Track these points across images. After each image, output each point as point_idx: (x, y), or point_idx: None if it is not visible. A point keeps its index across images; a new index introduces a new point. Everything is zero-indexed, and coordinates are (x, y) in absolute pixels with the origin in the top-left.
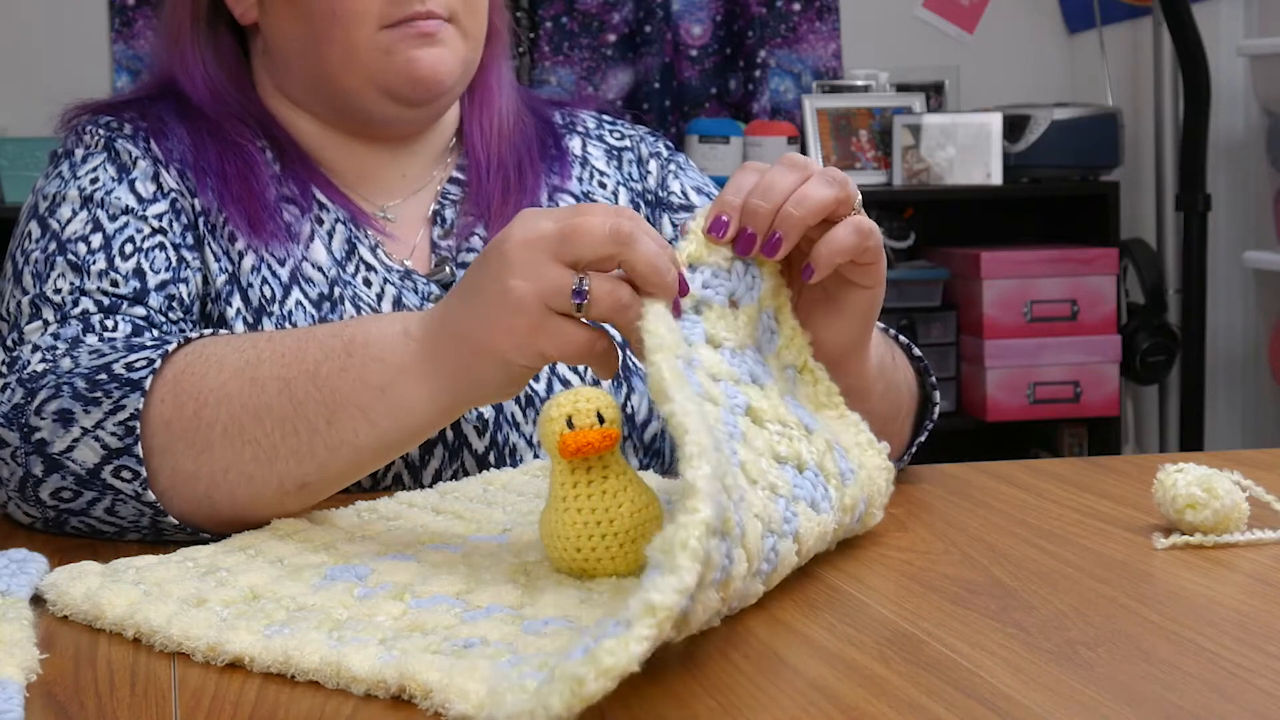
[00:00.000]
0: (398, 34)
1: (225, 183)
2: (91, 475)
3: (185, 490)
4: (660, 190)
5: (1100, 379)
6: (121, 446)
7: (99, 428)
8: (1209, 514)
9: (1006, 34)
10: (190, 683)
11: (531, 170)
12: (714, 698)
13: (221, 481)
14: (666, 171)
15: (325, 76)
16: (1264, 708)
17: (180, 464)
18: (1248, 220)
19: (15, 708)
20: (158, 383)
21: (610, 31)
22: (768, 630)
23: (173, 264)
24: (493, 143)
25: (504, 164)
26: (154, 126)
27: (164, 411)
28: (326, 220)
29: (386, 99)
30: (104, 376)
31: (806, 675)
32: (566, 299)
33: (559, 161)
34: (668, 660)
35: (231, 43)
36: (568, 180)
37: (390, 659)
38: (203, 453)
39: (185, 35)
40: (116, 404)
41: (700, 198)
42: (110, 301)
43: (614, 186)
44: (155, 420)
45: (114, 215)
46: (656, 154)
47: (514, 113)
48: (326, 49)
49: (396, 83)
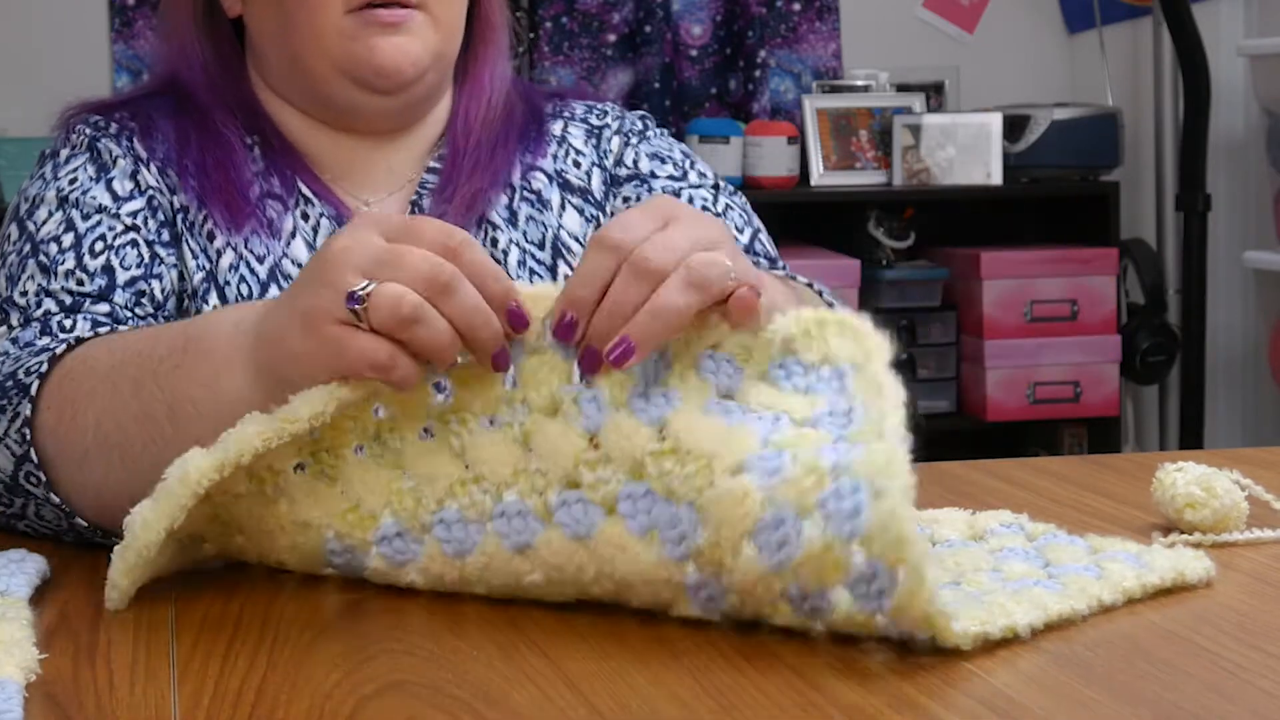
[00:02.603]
0: (362, 20)
1: (206, 176)
2: (12, 480)
3: (79, 499)
4: (615, 168)
5: (1100, 379)
6: (22, 453)
7: (6, 435)
8: (1208, 513)
9: (1006, 34)
10: (190, 683)
11: (504, 150)
12: (714, 698)
13: (103, 488)
14: (626, 146)
15: (295, 62)
16: (1264, 708)
17: (70, 472)
18: (1248, 220)
19: (15, 708)
20: (45, 388)
21: (610, 31)
22: (768, 630)
23: (144, 260)
24: (475, 130)
25: (480, 146)
26: (141, 125)
27: (49, 419)
28: (312, 215)
29: (352, 85)
30: (10, 383)
31: (806, 675)
32: (341, 305)
33: (536, 141)
34: (668, 660)
35: (229, 37)
36: (540, 158)
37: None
38: (83, 462)
39: (185, 29)
40: (15, 410)
41: (652, 163)
42: (73, 300)
43: (588, 166)
44: (43, 428)
45: (87, 214)
46: (624, 131)
47: (503, 104)
48: (294, 34)
49: (359, 70)
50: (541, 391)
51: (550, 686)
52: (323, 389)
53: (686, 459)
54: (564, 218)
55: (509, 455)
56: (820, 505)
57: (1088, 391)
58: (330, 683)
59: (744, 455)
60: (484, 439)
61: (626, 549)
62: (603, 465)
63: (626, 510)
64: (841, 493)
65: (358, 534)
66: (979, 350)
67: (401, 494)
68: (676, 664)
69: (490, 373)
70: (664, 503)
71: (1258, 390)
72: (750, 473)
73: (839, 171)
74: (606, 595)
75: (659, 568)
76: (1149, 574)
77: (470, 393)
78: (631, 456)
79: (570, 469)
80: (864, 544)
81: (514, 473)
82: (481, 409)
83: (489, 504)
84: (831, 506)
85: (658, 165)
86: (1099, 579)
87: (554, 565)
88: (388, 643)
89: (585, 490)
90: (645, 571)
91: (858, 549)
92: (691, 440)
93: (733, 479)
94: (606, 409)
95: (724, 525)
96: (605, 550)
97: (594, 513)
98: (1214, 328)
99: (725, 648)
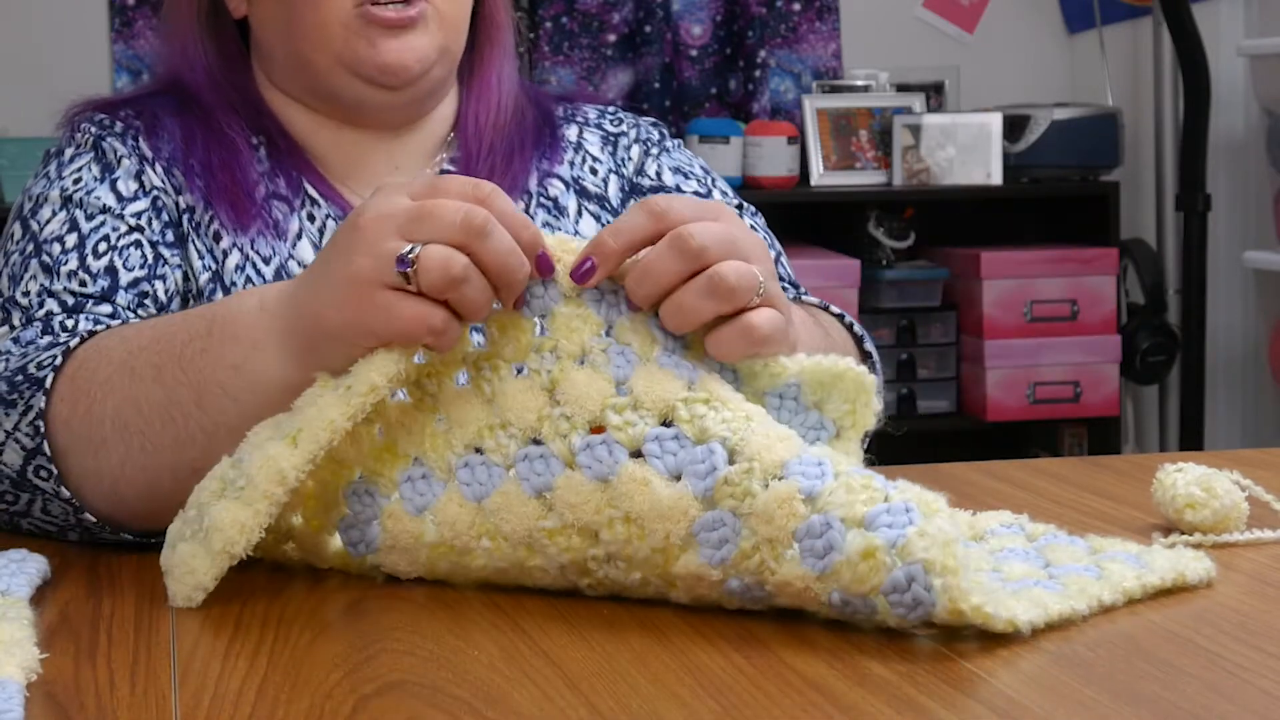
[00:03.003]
0: (367, 19)
1: (212, 176)
2: (20, 476)
3: (93, 488)
4: (636, 176)
5: (1100, 379)
6: (35, 446)
7: (17, 429)
8: (1208, 514)
9: (1006, 34)
10: (190, 683)
11: (520, 156)
12: (714, 698)
13: (120, 476)
14: (647, 156)
15: (300, 57)
16: (1264, 708)
17: (84, 462)
18: (1248, 220)
19: (15, 708)
20: (59, 380)
21: (610, 31)
22: (768, 630)
23: (148, 261)
24: (486, 134)
25: (494, 152)
26: (147, 124)
27: (63, 410)
28: (318, 216)
29: (357, 80)
30: (20, 378)
31: (806, 675)
32: (391, 268)
33: (551, 147)
34: (668, 660)
35: (233, 37)
36: (557, 165)
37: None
38: (99, 449)
39: (187, 29)
40: (27, 404)
41: (675, 177)
42: (75, 301)
43: (605, 173)
44: (56, 419)
45: (91, 215)
46: (643, 140)
47: (513, 107)
48: (299, 30)
49: (364, 67)
50: (573, 340)
51: (550, 686)
52: (385, 353)
53: (721, 406)
54: (580, 224)
55: (535, 402)
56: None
57: (1088, 391)
58: (330, 683)
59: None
60: (512, 386)
61: (649, 483)
62: (631, 410)
63: (653, 450)
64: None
65: (386, 472)
66: (979, 350)
67: (434, 435)
68: (676, 664)
69: (523, 321)
70: (693, 445)
71: (1258, 390)
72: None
73: (839, 171)
74: (615, 544)
75: (678, 501)
76: (1149, 574)
77: (504, 340)
78: (664, 400)
79: (597, 412)
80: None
81: (539, 418)
82: (513, 356)
83: (513, 449)
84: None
85: (682, 180)
86: (1099, 579)
87: (571, 505)
88: (388, 643)
89: (612, 431)
90: (663, 508)
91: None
92: (725, 394)
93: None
94: (636, 360)
95: (756, 460)
96: (626, 487)
97: (619, 453)
98: (1214, 328)
99: (725, 648)
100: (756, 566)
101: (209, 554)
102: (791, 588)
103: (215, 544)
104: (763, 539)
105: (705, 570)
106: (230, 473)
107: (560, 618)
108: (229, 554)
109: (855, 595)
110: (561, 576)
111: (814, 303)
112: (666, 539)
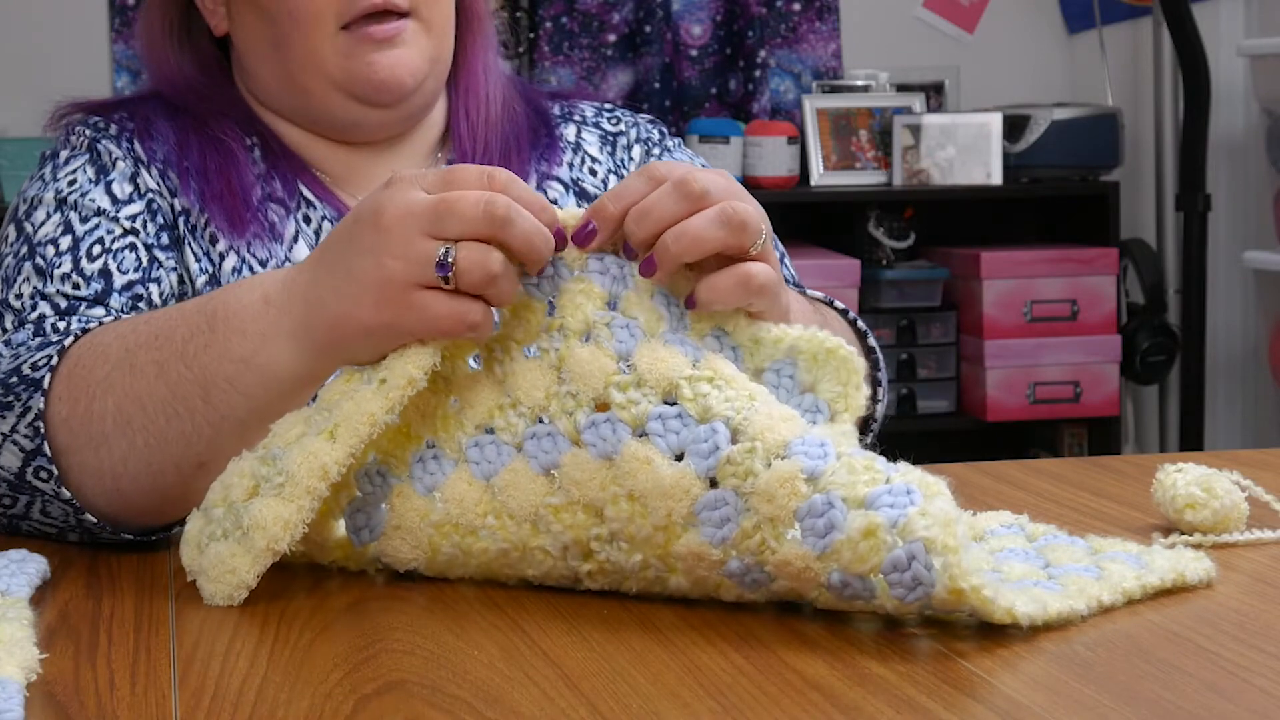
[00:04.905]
0: (356, 37)
1: (207, 180)
2: (18, 479)
3: (94, 485)
4: None
5: (1100, 379)
6: (34, 447)
7: (14, 431)
8: (1208, 514)
9: (1006, 34)
10: (190, 683)
11: (518, 158)
12: (714, 698)
13: (123, 472)
14: (649, 156)
15: (290, 80)
16: (1264, 708)
17: (84, 460)
18: (1248, 220)
19: (15, 708)
20: (55, 380)
21: (610, 31)
22: (768, 630)
23: (143, 264)
24: (479, 133)
25: (489, 152)
26: (141, 127)
27: (61, 409)
28: (314, 218)
29: (351, 101)
30: (15, 379)
31: (806, 675)
32: (431, 272)
33: (549, 149)
34: (668, 660)
35: (212, 52)
36: (556, 166)
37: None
38: (101, 446)
39: (161, 45)
40: (24, 405)
41: None
42: (68, 304)
43: (604, 174)
44: (55, 418)
45: (85, 217)
46: (644, 139)
47: (501, 101)
48: (288, 53)
49: (358, 87)
50: (577, 315)
51: (550, 686)
52: (419, 346)
53: (725, 385)
54: None
55: (543, 381)
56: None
57: (1088, 391)
58: (330, 682)
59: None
60: (522, 365)
61: (651, 462)
62: (635, 388)
63: (655, 429)
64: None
65: (400, 453)
66: (979, 350)
67: (446, 417)
68: (676, 664)
69: (534, 303)
70: (696, 424)
71: (1258, 390)
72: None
73: (839, 171)
74: (619, 521)
75: (680, 480)
76: (1149, 574)
77: (516, 321)
78: (667, 379)
79: (600, 390)
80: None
81: (546, 396)
82: (524, 338)
83: (522, 427)
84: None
85: None
86: (1099, 579)
87: (576, 482)
88: (388, 643)
89: (615, 409)
90: (665, 486)
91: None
92: (729, 372)
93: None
94: (640, 335)
95: (759, 439)
96: (629, 465)
97: (622, 431)
98: (1214, 328)
99: (725, 648)
100: (757, 546)
101: (250, 552)
102: (791, 567)
103: (258, 542)
104: (764, 518)
105: (706, 549)
106: (263, 469)
107: (560, 617)
108: (273, 551)
109: (855, 575)
110: (563, 559)
111: (818, 297)
112: (669, 517)
